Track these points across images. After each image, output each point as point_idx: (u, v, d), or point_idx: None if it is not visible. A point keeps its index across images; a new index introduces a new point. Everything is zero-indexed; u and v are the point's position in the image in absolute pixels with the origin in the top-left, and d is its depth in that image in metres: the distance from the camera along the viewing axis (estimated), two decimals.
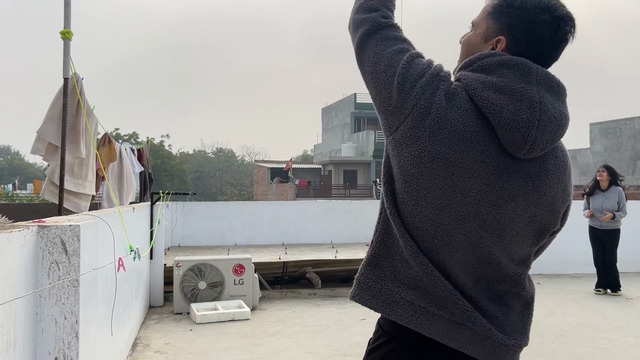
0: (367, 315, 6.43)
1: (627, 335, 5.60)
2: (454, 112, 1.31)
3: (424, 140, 1.30)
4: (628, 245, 8.11)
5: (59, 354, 2.31)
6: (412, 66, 1.36)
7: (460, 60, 1.50)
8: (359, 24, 1.48)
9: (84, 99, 4.30)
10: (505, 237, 1.36)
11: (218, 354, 4.95)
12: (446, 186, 1.31)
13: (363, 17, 1.48)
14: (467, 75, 1.39)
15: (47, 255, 2.31)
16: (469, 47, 1.49)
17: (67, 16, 3.93)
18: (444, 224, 1.33)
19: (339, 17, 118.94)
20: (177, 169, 50.06)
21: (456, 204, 1.32)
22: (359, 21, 1.48)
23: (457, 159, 1.29)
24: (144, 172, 7.15)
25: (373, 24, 1.45)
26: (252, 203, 10.87)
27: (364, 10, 1.49)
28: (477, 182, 1.31)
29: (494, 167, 1.32)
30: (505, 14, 1.41)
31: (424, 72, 1.35)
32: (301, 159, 65.93)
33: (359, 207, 9.38)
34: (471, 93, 1.34)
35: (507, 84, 1.33)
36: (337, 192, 38.04)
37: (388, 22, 1.46)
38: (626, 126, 32.78)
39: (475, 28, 1.49)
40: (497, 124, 1.31)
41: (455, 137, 1.30)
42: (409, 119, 1.32)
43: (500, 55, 1.38)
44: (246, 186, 58.42)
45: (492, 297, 1.39)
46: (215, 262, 6.66)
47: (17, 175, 55.62)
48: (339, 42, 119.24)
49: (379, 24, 1.45)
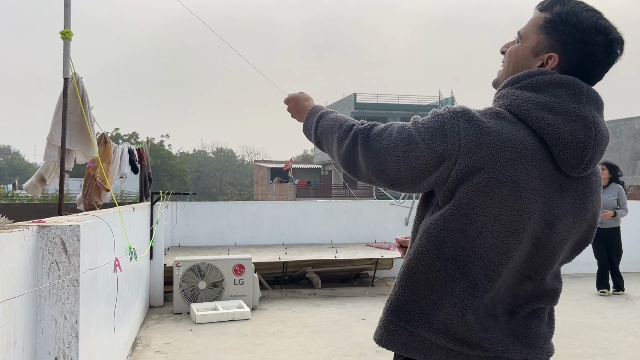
0: (367, 315, 6.43)
1: (627, 335, 5.60)
2: (510, 133, 1.31)
3: (487, 167, 1.28)
4: (628, 245, 8.10)
5: (59, 354, 2.31)
6: (425, 126, 1.36)
7: (505, 71, 1.49)
8: (351, 145, 1.46)
9: (86, 98, 4.30)
10: (554, 255, 1.39)
11: (218, 354, 4.95)
12: (514, 211, 1.30)
13: (349, 138, 1.47)
14: (515, 93, 1.37)
15: (47, 255, 2.31)
16: (516, 60, 1.47)
17: (67, 16, 3.94)
18: (510, 250, 1.33)
19: (339, 17, 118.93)
20: (177, 169, 50.06)
21: (521, 228, 1.32)
22: (350, 143, 1.47)
23: (523, 179, 1.29)
24: (143, 172, 7.15)
25: (361, 133, 1.44)
26: (252, 203, 10.86)
27: (345, 135, 1.49)
28: (538, 202, 1.32)
29: (550, 185, 1.33)
30: (560, 31, 1.39)
31: (441, 119, 1.34)
32: (301, 159, 65.93)
33: (359, 207, 9.38)
34: (522, 114, 1.34)
35: (560, 104, 1.33)
36: (337, 192, 38.04)
37: (369, 124, 1.47)
38: (626, 126, 32.78)
39: (523, 40, 1.46)
40: (555, 144, 1.31)
41: (517, 157, 1.29)
42: (460, 159, 1.30)
43: (550, 73, 1.37)
44: (246, 186, 58.42)
45: (528, 313, 1.42)
46: (215, 262, 6.66)
47: (17, 175, 55.59)
48: (339, 42, 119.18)
49: (364, 129, 1.45)
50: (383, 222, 9.16)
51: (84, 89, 4.29)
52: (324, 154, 9.66)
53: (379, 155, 1.39)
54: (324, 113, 1.63)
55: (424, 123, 1.36)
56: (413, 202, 9.12)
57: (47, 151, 4.28)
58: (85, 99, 4.29)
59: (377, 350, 5.06)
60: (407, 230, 9.11)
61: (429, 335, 1.35)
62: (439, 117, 1.35)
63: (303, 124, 1.69)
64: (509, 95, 1.38)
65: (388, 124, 1.44)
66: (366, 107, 41.89)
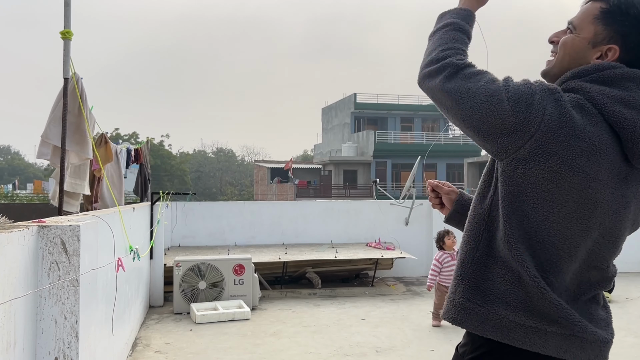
0: (367, 315, 6.43)
1: (627, 336, 5.60)
2: (589, 125, 1.32)
3: (562, 154, 1.30)
4: (628, 245, 8.06)
5: (59, 353, 2.32)
6: (516, 87, 1.35)
7: (560, 62, 1.49)
8: (436, 72, 1.46)
9: (85, 99, 4.30)
10: (618, 242, 1.45)
11: (218, 354, 4.95)
12: (581, 199, 1.33)
13: (437, 66, 1.46)
14: (587, 86, 1.38)
15: (47, 255, 2.31)
16: (573, 51, 1.47)
17: (67, 16, 3.94)
18: (573, 236, 1.36)
19: (339, 17, 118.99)
20: (177, 169, 50.05)
21: (587, 216, 1.35)
22: (434, 70, 1.46)
23: (594, 171, 1.31)
24: (143, 172, 7.14)
25: (452, 67, 1.43)
26: (252, 203, 10.85)
27: (437, 60, 1.47)
28: (606, 193, 1.35)
29: (617, 176, 1.36)
30: (620, 22, 1.39)
31: (532, 89, 1.35)
32: (301, 159, 65.94)
33: (359, 207, 9.37)
34: (600, 106, 1.35)
35: (634, 98, 1.35)
36: (337, 192, 38.04)
37: (465, 62, 1.46)
38: None
39: (578, 31, 1.46)
40: (629, 138, 1.34)
41: (593, 150, 1.31)
42: (537, 135, 1.31)
43: (620, 67, 1.39)
44: (246, 186, 58.42)
45: (589, 298, 1.45)
46: (215, 262, 6.66)
47: (17, 175, 55.61)
48: (339, 42, 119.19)
49: (458, 66, 1.43)
50: (383, 222, 9.15)
51: (84, 89, 4.29)
52: (324, 154, 9.63)
53: (459, 94, 1.39)
54: (449, 24, 1.56)
55: (515, 85, 1.36)
56: (413, 202, 9.13)
57: (40, 149, 4.28)
58: (84, 99, 4.28)
59: (377, 350, 5.06)
60: (407, 230, 9.12)
61: (507, 313, 1.38)
62: (532, 86, 1.36)
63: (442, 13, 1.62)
64: (580, 88, 1.38)
65: (482, 70, 1.43)
66: (366, 107, 41.86)
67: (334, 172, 41.01)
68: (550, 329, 1.36)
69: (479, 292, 1.42)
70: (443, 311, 1.51)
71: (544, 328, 1.36)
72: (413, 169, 9.23)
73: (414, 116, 41.85)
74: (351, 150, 40.65)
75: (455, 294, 1.46)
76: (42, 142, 4.24)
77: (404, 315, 6.42)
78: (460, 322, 1.44)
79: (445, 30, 1.55)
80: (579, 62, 1.44)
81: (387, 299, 7.34)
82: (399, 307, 6.85)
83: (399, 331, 5.73)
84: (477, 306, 1.41)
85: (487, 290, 1.41)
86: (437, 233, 6.18)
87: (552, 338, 1.36)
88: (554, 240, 1.35)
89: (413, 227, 9.16)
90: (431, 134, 40.16)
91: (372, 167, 39.55)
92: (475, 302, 1.41)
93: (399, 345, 5.23)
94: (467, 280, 1.44)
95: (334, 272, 8.23)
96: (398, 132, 40.61)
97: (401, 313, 6.55)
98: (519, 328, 1.37)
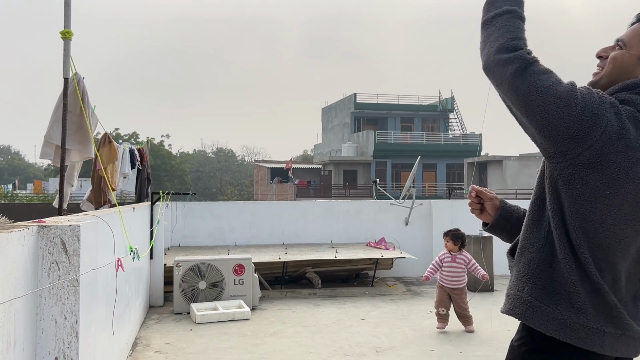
0: (367, 315, 6.43)
1: None
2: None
3: (619, 163, 1.41)
4: None
5: (59, 353, 2.32)
6: (584, 95, 1.43)
7: (609, 76, 1.60)
8: (505, 62, 1.50)
9: (87, 99, 4.30)
10: None
11: (218, 354, 4.95)
12: (634, 203, 1.45)
13: (509, 56, 1.50)
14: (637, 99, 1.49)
15: (47, 255, 2.31)
16: (622, 66, 1.58)
17: (67, 16, 3.94)
18: (627, 237, 1.47)
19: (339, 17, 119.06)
20: (177, 169, 50.06)
21: (638, 218, 1.47)
22: (504, 60, 1.51)
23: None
24: (142, 172, 7.14)
25: (523, 61, 1.48)
26: (252, 203, 10.85)
27: (508, 50, 1.52)
28: None
29: None
30: None
31: (599, 99, 1.44)
32: (301, 159, 65.94)
33: (359, 207, 9.37)
34: None
35: None
36: (337, 192, 38.03)
37: (534, 58, 1.51)
38: None
39: (628, 48, 1.58)
40: None
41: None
42: (598, 144, 1.40)
43: None
44: (246, 186, 58.42)
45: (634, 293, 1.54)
46: (215, 262, 6.66)
47: (17, 175, 55.63)
48: (339, 42, 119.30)
49: (528, 61, 1.48)
50: (383, 222, 9.16)
51: (85, 89, 4.29)
52: (324, 154, 9.61)
53: (527, 91, 1.45)
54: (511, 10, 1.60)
55: (582, 92, 1.44)
56: (413, 202, 9.13)
57: (43, 149, 4.29)
58: (85, 99, 4.29)
59: (377, 350, 5.06)
60: (407, 230, 9.12)
61: (571, 315, 1.47)
62: (598, 96, 1.44)
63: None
64: (631, 100, 1.49)
65: (548, 69, 1.49)
66: (366, 107, 41.85)
67: (334, 172, 41.01)
68: (608, 329, 1.46)
69: (545, 292, 1.50)
70: (508, 307, 1.58)
71: (603, 329, 1.46)
72: (413, 169, 9.24)
73: (414, 116, 41.85)
74: (351, 150, 40.65)
75: (523, 292, 1.54)
76: (45, 142, 4.25)
77: (404, 315, 6.42)
78: (527, 319, 1.52)
79: (508, 17, 1.59)
80: (627, 76, 1.56)
81: (387, 299, 7.34)
82: (399, 307, 6.85)
83: (399, 331, 5.74)
84: (544, 305, 1.50)
85: (553, 291, 1.50)
86: (461, 234, 6.13)
87: (608, 338, 1.46)
88: (610, 241, 1.46)
89: (413, 227, 9.16)
90: (431, 134, 40.16)
91: (372, 167, 39.54)
92: (542, 301, 1.50)
93: (399, 345, 5.24)
94: (535, 279, 1.52)
95: (334, 272, 8.23)
96: (398, 132, 40.61)
97: (401, 313, 6.55)
98: (582, 329, 1.46)
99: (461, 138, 39.95)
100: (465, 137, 40.08)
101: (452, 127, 42.75)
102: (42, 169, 59.81)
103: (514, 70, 1.47)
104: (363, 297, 7.50)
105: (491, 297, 7.48)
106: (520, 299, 1.54)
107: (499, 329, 5.68)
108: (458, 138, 40.21)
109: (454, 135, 41.38)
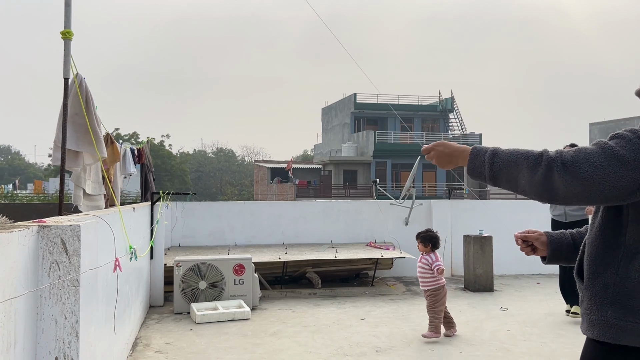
0: (367, 315, 6.43)
1: None
2: None
3: None
4: None
5: (59, 353, 2.32)
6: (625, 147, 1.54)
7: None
8: (545, 174, 1.58)
9: (90, 99, 4.30)
10: None
11: (218, 354, 4.96)
12: None
13: (543, 170, 1.58)
14: None
15: (47, 255, 2.31)
16: None
17: (67, 16, 3.94)
18: None
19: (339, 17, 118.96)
20: (177, 169, 50.09)
21: None
22: (543, 174, 1.58)
23: None
24: (145, 172, 7.15)
25: (557, 162, 1.57)
26: (252, 203, 10.86)
27: (535, 166, 1.60)
28: None
29: None
30: None
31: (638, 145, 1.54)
32: (301, 159, 65.96)
33: (359, 207, 9.37)
34: None
35: None
36: (337, 192, 38.04)
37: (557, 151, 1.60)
38: (626, 126, 32.81)
39: None
40: None
41: None
42: None
43: None
44: (246, 186, 58.42)
45: None
46: (215, 262, 6.66)
47: (17, 175, 55.63)
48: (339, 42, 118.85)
49: (559, 157, 1.57)
50: (383, 222, 9.16)
51: (88, 89, 4.29)
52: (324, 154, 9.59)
53: (582, 179, 1.53)
54: (495, 150, 1.71)
55: (623, 145, 1.55)
56: (413, 202, 9.13)
57: (54, 154, 4.29)
58: (89, 99, 4.28)
59: (377, 350, 5.07)
60: (407, 230, 9.12)
61: None
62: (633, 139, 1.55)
63: (468, 165, 1.74)
64: None
65: (578, 149, 1.58)
66: (366, 107, 41.87)
67: (334, 172, 41.02)
68: None
69: (629, 311, 1.60)
70: (597, 333, 1.67)
71: None
72: (413, 169, 9.24)
73: (414, 116, 41.87)
74: (351, 150, 40.67)
75: (607, 316, 1.63)
76: (56, 147, 4.24)
77: (404, 315, 6.43)
78: (621, 340, 1.61)
79: (501, 154, 1.69)
80: None
81: (387, 299, 7.35)
82: (399, 307, 6.85)
83: (398, 331, 5.74)
84: (631, 323, 1.59)
85: (635, 308, 1.59)
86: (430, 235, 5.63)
87: None
88: None
89: (413, 227, 9.14)
90: (431, 134, 40.17)
91: (372, 167, 39.57)
92: (628, 320, 1.60)
93: (399, 345, 5.24)
94: (615, 302, 1.62)
95: (334, 272, 8.24)
96: (398, 132, 40.62)
97: (401, 313, 6.55)
98: None
99: (461, 138, 39.95)
100: (465, 137, 40.11)
101: (452, 127, 42.80)
102: (42, 169, 59.83)
103: (558, 172, 1.55)
104: (363, 297, 7.50)
105: (491, 297, 7.48)
106: (606, 323, 1.63)
107: (499, 329, 5.68)
108: (458, 138, 40.21)
109: (453, 135, 41.40)
